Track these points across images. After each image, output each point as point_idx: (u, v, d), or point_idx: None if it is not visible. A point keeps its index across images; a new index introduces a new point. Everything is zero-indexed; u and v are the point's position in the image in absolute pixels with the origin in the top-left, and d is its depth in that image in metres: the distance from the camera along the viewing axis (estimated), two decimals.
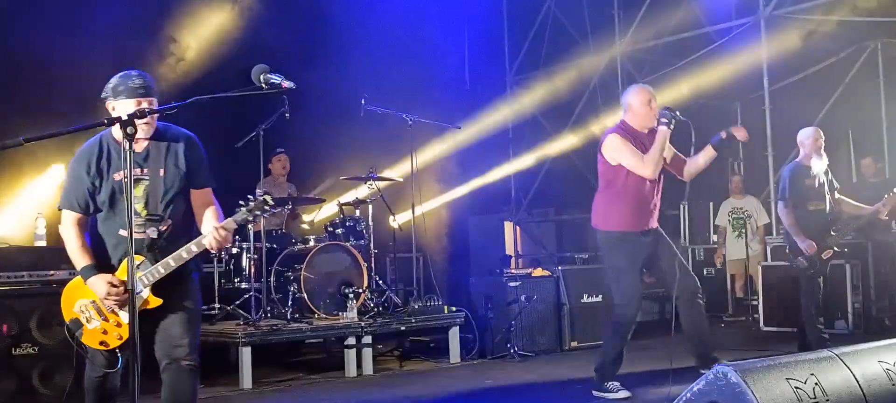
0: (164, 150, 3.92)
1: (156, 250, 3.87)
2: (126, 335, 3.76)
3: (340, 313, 7.47)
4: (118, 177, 3.82)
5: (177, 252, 3.82)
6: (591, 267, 9.70)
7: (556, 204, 13.48)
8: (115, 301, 3.78)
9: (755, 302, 9.87)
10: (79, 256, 3.86)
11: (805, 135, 7.19)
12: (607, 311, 8.68)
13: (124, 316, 3.77)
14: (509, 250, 13.45)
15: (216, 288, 7.73)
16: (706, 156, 5.84)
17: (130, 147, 3.31)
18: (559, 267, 8.79)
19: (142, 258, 3.82)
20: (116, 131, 3.81)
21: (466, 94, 12.50)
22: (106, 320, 3.87)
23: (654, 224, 5.76)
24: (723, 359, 5.53)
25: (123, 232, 3.80)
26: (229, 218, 3.87)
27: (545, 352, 8.16)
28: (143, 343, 3.52)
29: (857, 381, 3.67)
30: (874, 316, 9.06)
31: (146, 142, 3.90)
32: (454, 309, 7.99)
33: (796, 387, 3.44)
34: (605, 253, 5.83)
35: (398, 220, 8.37)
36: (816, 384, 3.51)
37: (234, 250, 7.75)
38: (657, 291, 11.88)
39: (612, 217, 5.70)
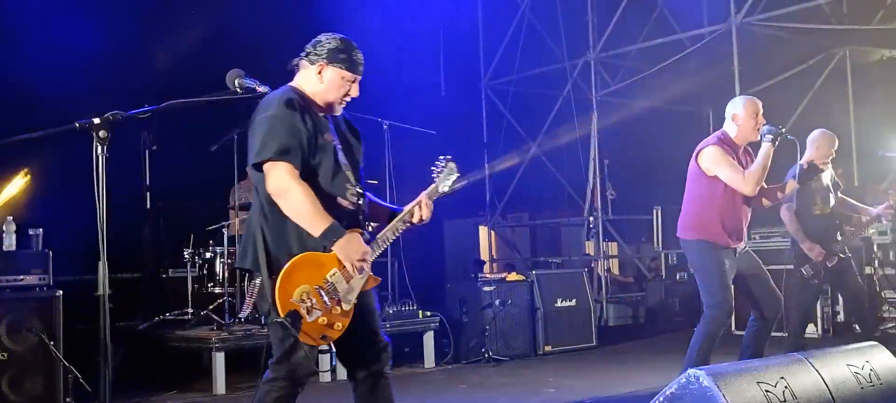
0: (342, 125, 3.59)
1: (363, 225, 3.49)
2: (348, 322, 3.34)
3: None
4: (327, 138, 3.42)
5: (393, 224, 3.51)
6: (565, 272, 9.78)
7: (530, 209, 13.54)
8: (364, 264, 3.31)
9: None
10: (319, 215, 3.24)
11: (812, 139, 6.96)
12: (582, 315, 8.78)
13: (347, 303, 3.33)
14: (484, 255, 13.49)
15: (189, 292, 7.68)
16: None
17: (102, 152, 3.08)
18: (534, 272, 8.82)
19: (360, 230, 3.43)
20: (311, 92, 3.43)
21: (442, 99, 12.52)
22: (330, 308, 3.30)
23: (743, 242, 5.56)
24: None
25: (344, 202, 3.41)
26: (433, 186, 3.61)
27: (520, 356, 8.19)
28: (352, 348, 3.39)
29: (826, 385, 3.73)
30: (843, 321, 9.17)
31: (325, 115, 3.51)
32: (429, 313, 7.99)
33: (767, 391, 3.49)
34: (693, 259, 5.63)
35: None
36: (786, 387, 3.56)
37: (208, 254, 7.71)
38: (632, 296, 12.00)
39: (702, 228, 5.47)
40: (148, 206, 7.70)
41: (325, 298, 3.27)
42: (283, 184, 3.24)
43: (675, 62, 10.91)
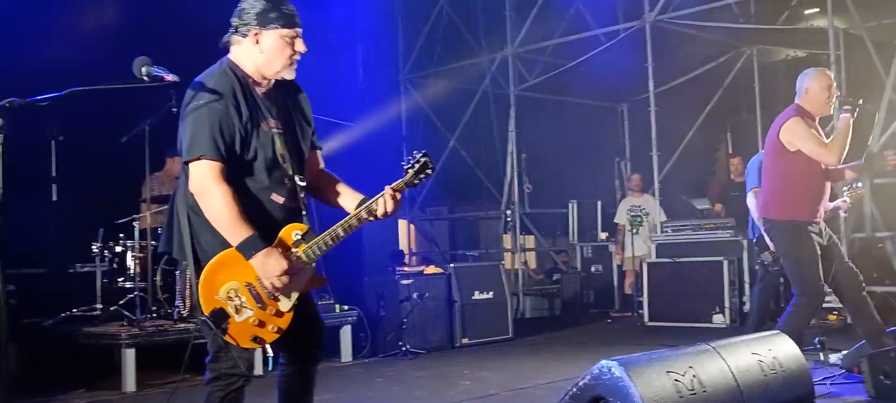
0: (290, 102, 3.31)
1: (308, 219, 3.25)
2: (285, 326, 3.09)
3: None
4: (267, 127, 3.16)
5: (346, 220, 3.19)
6: (483, 265, 9.85)
7: (449, 203, 13.58)
8: (289, 280, 3.04)
9: (641, 299, 10.18)
10: (238, 224, 2.99)
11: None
12: (498, 307, 8.86)
13: (285, 302, 3.10)
14: (403, 248, 13.47)
15: (98, 288, 7.46)
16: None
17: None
18: (451, 265, 8.86)
19: (305, 227, 3.17)
20: (253, 67, 3.18)
21: (359, 91, 12.44)
22: (263, 308, 3.05)
23: (822, 217, 5.45)
24: (607, 354, 5.63)
25: (278, 198, 3.17)
26: (401, 180, 3.30)
27: (437, 349, 8.22)
28: (287, 334, 3.09)
29: (732, 372, 3.86)
30: (749, 310, 9.48)
31: (271, 90, 3.25)
32: (346, 307, 7.95)
33: (676, 380, 3.58)
34: (780, 244, 5.50)
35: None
36: (694, 376, 3.67)
37: (118, 248, 7.50)
38: (546, 288, 12.17)
39: (787, 206, 5.37)
40: (54, 199, 7.46)
41: (258, 296, 3.05)
42: (203, 185, 3.02)
43: (591, 58, 11.10)
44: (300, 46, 3.22)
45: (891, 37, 9.53)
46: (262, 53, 3.17)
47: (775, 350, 4.14)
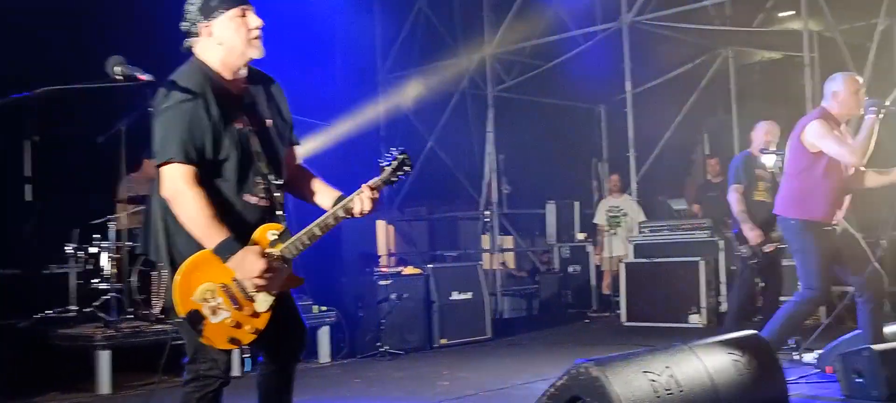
0: (264, 97, 3.26)
1: (284, 218, 3.20)
2: (263, 326, 3.07)
3: None
4: (240, 124, 3.10)
5: (322, 219, 3.16)
6: (461, 265, 9.85)
7: (428, 203, 13.59)
8: (268, 281, 3.01)
9: (618, 299, 10.22)
10: (212, 227, 2.95)
11: (758, 128, 7.22)
12: (477, 308, 8.87)
13: (262, 303, 3.07)
14: (382, 249, 13.45)
15: (73, 289, 7.39)
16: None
17: None
18: (429, 265, 8.86)
19: (281, 227, 3.13)
20: (218, 61, 3.12)
21: (338, 91, 12.40)
22: (239, 309, 3.02)
23: (841, 217, 5.49)
24: (584, 355, 5.66)
25: (251, 199, 3.13)
26: (378, 178, 3.29)
27: (415, 350, 8.22)
28: (266, 334, 3.06)
29: (708, 372, 3.88)
30: (725, 310, 9.55)
31: (245, 85, 3.21)
32: (324, 308, 7.93)
33: (652, 380, 3.60)
34: (791, 239, 5.55)
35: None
36: (671, 376, 3.69)
37: (93, 249, 7.43)
38: (524, 288, 12.20)
39: (805, 206, 5.42)
40: (29, 199, 7.38)
41: (234, 298, 3.02)
42: (175, 188, 2.97)
43: (569, 59, 11.15)
44: (254, 20, 3.15)
45: (864, 39, 9.64)
46: (219, 44, 3.12)
47: (751, 350, 4.17)
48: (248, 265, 2.97)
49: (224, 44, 3.12)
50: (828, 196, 5.40)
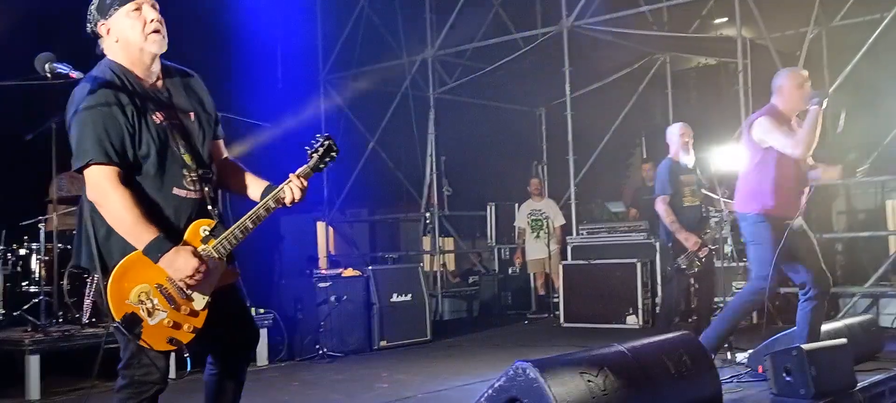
0: (183, 90, 3.21)
1: (216, 213, 3.15)
2: (201, 325, 3.02)
3: None
4: (158, 119, 3.03)
5: (253, 212, 3.11)
6: (402, 267, 9.84)
7: (369, 205, 13.54)
8: (202, 278, 2.95)
9: (556, 300, 10.32)
10: (141, 226, 2.89)
11: (672, 132, 7.27)
12: (417, 310, 8.87)
13: (199, 301, 3.02)
14: (322, 251, 13.37)
15: (0, 292, 7.17)
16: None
17: None
18: (369, 267, 8.83)
19: (213, 222, 3.09)
20: (125, 59, 3.06)
21: (278, 92, 12.29)
22: (177, 308, 2.97)
23: (799, 214, 5.51)
24: (523, 356, 5.69)
25: (180, 192, 3.06)
26: (306, 166, 3.25)
27: (355, 352, 8.18)
28: (207, 334, 3.00)
29: (644, 372, 3.95)
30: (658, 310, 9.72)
31: (160, 80, 3.15)
32: (263, 310, 7.84)
33: (588, 380, 3.65)
34: (746, 233, 5.58)
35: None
36: (606, 376, 3.74)
37: (22, 251, 7.23)
38: (465, 290, 12.24)
39: (757, 200, 5.47)
40: None
41: (170, 297, 2.97)
42: (99, 191, 2.92)
43: (510, 62, 11.22)
44: (150, 13, 3.08)
45: (794, 47, 9.92)
46: (117, 41, 3.07)
47: (684, 351, 4.25)
48: (179, 264, 2.92)
49: (121, 40, 3.07)
50: (782, 188, 5.46)
